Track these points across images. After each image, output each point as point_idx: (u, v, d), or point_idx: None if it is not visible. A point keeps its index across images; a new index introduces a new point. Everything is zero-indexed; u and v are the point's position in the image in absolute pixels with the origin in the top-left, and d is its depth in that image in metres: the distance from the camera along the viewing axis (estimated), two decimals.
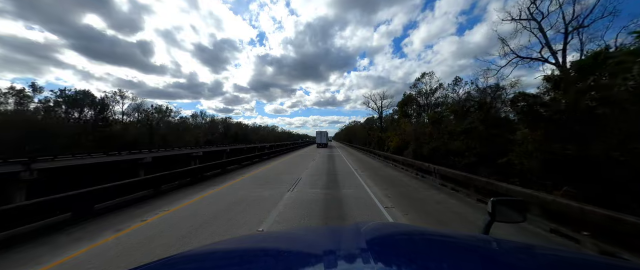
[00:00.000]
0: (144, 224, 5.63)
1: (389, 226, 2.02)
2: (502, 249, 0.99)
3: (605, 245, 4.06)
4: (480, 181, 7.63)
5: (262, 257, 0.99)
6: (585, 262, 0.88)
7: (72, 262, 4.00)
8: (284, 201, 7.46)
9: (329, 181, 10.90)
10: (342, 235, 1.19)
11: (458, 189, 8.79)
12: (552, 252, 1.00)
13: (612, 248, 3.95)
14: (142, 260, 3.93)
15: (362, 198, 7.94)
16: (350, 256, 0.83)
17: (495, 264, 0.84)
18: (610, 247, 3.97)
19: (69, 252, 4.33)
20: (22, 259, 4.11)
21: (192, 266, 0.95)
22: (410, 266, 0.73)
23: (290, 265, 0.82)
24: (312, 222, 5.72)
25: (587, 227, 4.41)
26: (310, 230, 2.05)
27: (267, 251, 1.08)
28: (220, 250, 1.15)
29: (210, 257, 1.04)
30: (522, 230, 5.08)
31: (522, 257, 0.93)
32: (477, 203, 7.35)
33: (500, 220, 1.29)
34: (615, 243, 3.97)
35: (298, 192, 8.67)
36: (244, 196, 8.15)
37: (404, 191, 9.20)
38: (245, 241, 1.34)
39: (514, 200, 1.36)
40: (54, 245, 4.65)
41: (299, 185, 10.07)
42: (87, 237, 4.98)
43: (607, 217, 3.99)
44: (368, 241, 0.92)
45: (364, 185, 10.26)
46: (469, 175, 8.45)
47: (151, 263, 0.89)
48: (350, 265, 0.75)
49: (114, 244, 4.64)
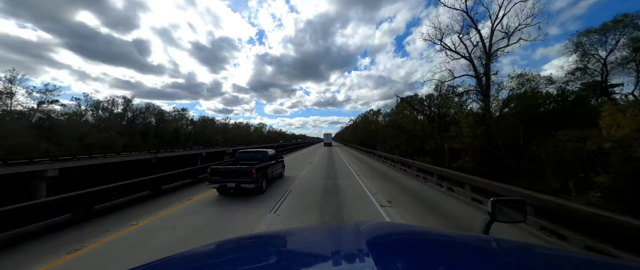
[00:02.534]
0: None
1: (389, 226, 2.03)
2: (502, 248, 0.99)
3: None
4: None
5: (262, 257, 0.98)
6: (585, 262, 0.89)
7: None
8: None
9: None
10: (342, 235, 1.23)
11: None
12: (552, 252, 1.00)
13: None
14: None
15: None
16: (350, 256, 0.83)
17: (495, 263, 0.84)
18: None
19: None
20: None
21: (192, 266, 0.94)
22: (410, 266, 0.72)
23: (290, 265, 0.83)
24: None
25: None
26: (310, 230, 2.07)
27: (267, 251, 1.08)
28: (220, 250, 1.14)
29: (210, 257, 1.04)
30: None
31: (522, 257, 0.93)
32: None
33: (500, 220, 1.29)
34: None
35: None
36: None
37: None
38: (245, 241, 1.33)
39: (513, 200, 1.36)
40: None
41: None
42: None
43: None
44: (368, 241, 0.91)
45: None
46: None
47: (151, 263, 0.89)
48: (350, 266, 0.75)
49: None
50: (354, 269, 0.72)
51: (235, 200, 8.29)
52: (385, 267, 0.65)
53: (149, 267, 0.84)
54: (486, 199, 6.98)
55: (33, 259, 4.47)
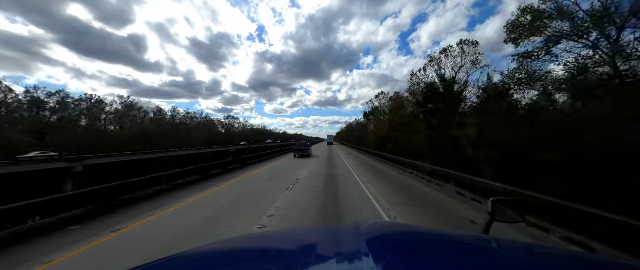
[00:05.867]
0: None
1: (389, 226, 2.08)
2: (502, 248, 1.00)
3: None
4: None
5: (262, 257, 0.99)
6: (585, 262, 0.89)
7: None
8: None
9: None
10: (342, 235, 1.26)
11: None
12: (552, 252, 1.01)
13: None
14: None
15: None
16: (351, 256, 0.83)
17: (495, 263, 0.85)
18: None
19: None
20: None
21: (192, 266, 0.96)
22: (410, 266, 0.73)
23: (290, 265, 0.83)
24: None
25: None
26: (310, 229, 2.13)
27: (267, 251, 1.09)
28: (220, 250, 1.15)
29: (210, 257, 1.05)
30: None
31: (522, 257, 0.94)
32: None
33: (500, 220, 1.31)
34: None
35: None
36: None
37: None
38: (245, 241, 1.34)
39: (513, 200, 1.38)
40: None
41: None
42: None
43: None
44: (368, 241, 0.91)
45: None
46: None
47: (151, 263, 0.90)
48: (350, 266, 0.75)
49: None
50: (354, 269, 0.71)
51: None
52: (385, 267, 0.65)
53: (149, 267, 0.85)
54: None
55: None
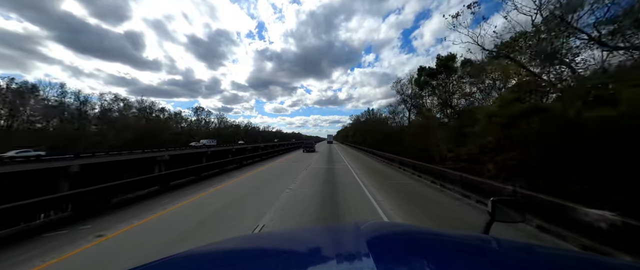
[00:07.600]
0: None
1: (389, 226, 2.09)
2: (502, 248, 1.00)
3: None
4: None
5: (261, 258, 0.99)
6: (585, 262, 0.89)
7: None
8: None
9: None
10: (342, 235, 1.26)
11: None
12: (552, 252, 1.01)
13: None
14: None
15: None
16: (351, 256, 0.83)
17: (495, 263, 0.85)
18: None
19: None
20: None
21: (192, 266, 0.96)
22: (410, 266, 0.73)
23: (290, 265, 0.83)
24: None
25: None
26: (309, 230, 2.15)
27: (267, 251, 1.09)
28: (220, 250, 1.15)
29: (209, 257, 1.05)
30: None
31: (522, 257, 0.94)
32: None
33: (500, 220, 1.31)
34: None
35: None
36: None
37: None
38: (245, 241, 1.35)
39: (513, 200, 1.39)
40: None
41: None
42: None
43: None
44: (368, 241, 0.91)
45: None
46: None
47: (151, 263, 0.89)
48: (350, 266, 0.75)
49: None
50: (354, 268, 0.71)
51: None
52: (385, 267, 0.65)
53: (149, 267, 0.85)
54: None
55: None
